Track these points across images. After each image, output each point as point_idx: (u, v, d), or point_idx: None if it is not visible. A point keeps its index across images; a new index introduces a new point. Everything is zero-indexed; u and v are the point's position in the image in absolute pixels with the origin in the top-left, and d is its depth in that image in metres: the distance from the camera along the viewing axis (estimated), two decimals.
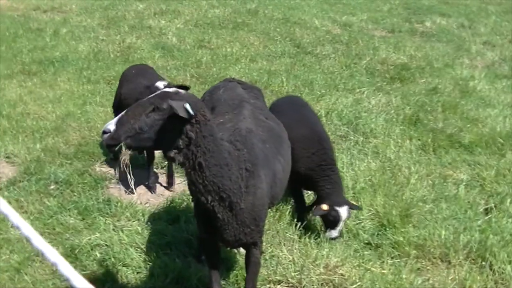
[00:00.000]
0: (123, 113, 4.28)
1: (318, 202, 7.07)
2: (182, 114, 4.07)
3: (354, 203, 7.30)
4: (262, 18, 18.71)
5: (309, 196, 7.88)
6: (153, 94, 4.35)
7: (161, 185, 8.72)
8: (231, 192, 4.56)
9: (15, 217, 2.24)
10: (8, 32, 16.59)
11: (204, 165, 4.33)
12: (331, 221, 6.91)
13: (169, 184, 8.63)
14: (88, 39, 16.20)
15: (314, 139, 7.15)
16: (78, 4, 20.01)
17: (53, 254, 2.07)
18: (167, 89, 4.39)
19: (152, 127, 4.18)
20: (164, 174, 8.82)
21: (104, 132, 4.25)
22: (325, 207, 6.83)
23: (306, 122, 7.42)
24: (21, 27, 17.19)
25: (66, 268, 2.02)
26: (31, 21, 17.93)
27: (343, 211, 6.85)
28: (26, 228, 2.21)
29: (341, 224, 6.94)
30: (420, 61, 14.86)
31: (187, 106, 4.08)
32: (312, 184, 7.17)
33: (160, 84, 7.42)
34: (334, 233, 6.98)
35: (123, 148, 4.31)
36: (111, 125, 4.22)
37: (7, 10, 19.25)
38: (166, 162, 8.76)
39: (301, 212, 7.49)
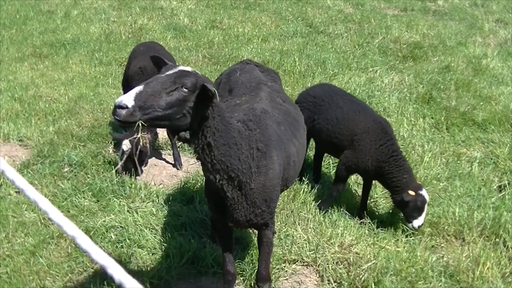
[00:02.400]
0: (140, 88, 3.94)
1: (396, 192, 6.90)
2: (216, 98, 4.07)
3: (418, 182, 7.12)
4: None
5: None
6: (172, 72, 4.13)
7: (172, 165, 8.77)
8: (239, 171, 4.54)
9: (32, 192, 2.24)
10: (19, 15, 16.59)
11: (213, 145, 4.28)
12: (419, 207, 6.72)
13: (177, 165, 8.69)
14: (99, 21, 16.19)
15: (380, 129, 7.01)
16: None
17: (71, 228, 2.07)
18: (185, 68, 4.21)
19: (173, 106, 4.00)
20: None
21: (120, 107, 3.84)
22: (412, 192, 6.68)
23: (366, 112, 7.28)
24: (32, 9, 17.19)
25: (84, 242, 2.02)
26: (41, 3, 17.92)
27: (425, 193, 6.74)
28: (44, 203, 2.20)
29: (426, 207, 6.80)
30: (432, 40, 14.81)
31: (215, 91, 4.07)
32: (385, 176, 6.97)
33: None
34: (421, 219, 6.80)
35: (140, 127, 4.11)
36: (128, 100, 3.84)
37: None
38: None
39: (333, 198, 7.36)
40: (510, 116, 9.99)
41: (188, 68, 4.22)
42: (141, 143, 4.25)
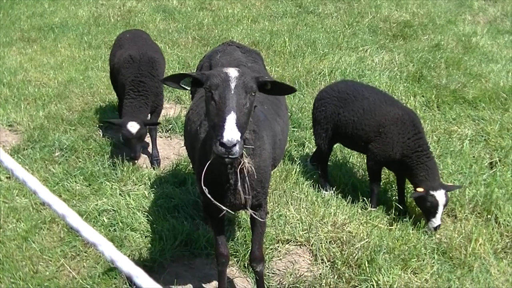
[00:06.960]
0: (232, 116, 3.84)
1: (414, 189, 6.78)
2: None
3: (452, 184, 7.03)
4: None
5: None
6: (235, 83, 3.97)
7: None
8: (245, 156, 4.48)
9: (21, 172, 2.22)
10: None
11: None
12: (429, 207, 6.54)
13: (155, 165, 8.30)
14: (88, 4, 16.12)
15: (409, 121, 6.82)
16: None
17: (61, 206, 2.05)
18: (235, 70, 4.09)
19: (250, 112, 4.07)
20: (168, 138, 8.80)
21: (234, 145, 3.79)
22: (420, 189, 6.53)
23: (394, 102, 7.13)
24: None
25: (75, 220, 2.00)
26: None
27: (439, 195, 6.49)
28: (33, 182, 2.19)
29: (441, 209, 6.56)
30: (422, 18, 14.81)
31: None
32: (405, 170, 6.89)
33: None
34: (436, 221, 6.57)
35: (244, 151, 4.18)
36: (236, 134, 3.80)
37: None
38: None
39: (376, 194, 7.20)
40: (500, 94, 10.01)
41: (236, 70, 4.11)
42: (248, 168, 4.15)
